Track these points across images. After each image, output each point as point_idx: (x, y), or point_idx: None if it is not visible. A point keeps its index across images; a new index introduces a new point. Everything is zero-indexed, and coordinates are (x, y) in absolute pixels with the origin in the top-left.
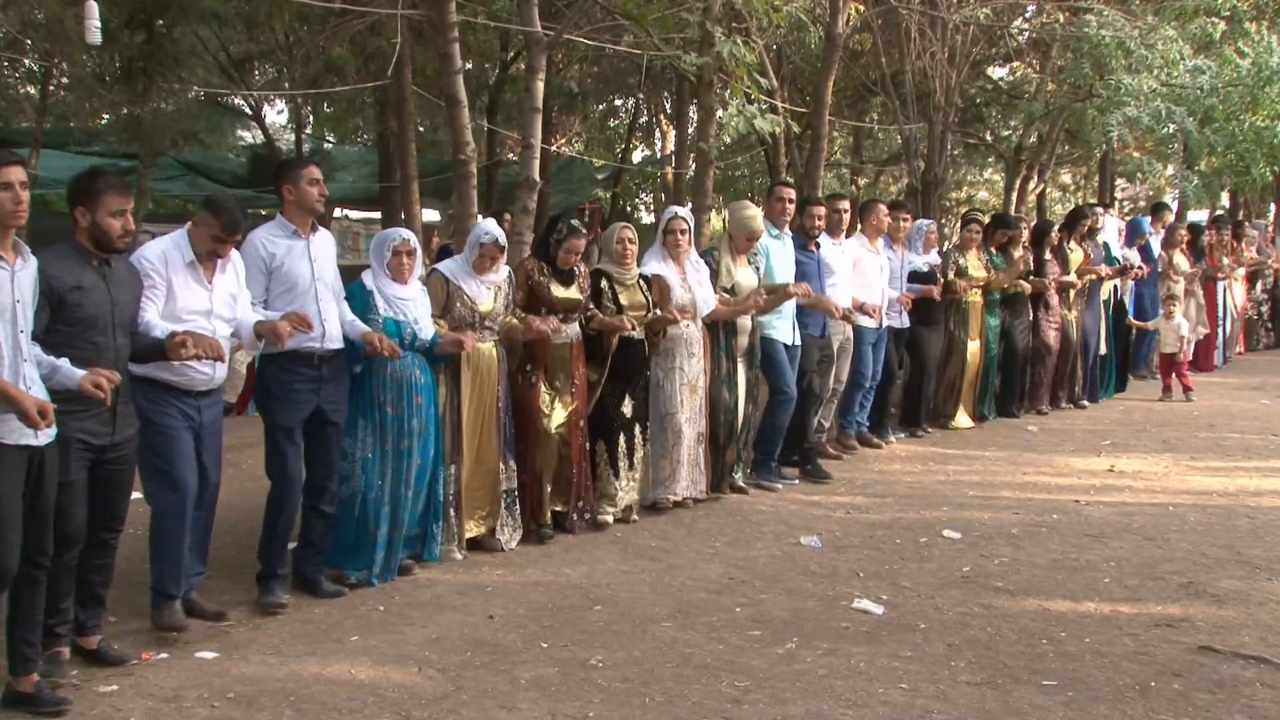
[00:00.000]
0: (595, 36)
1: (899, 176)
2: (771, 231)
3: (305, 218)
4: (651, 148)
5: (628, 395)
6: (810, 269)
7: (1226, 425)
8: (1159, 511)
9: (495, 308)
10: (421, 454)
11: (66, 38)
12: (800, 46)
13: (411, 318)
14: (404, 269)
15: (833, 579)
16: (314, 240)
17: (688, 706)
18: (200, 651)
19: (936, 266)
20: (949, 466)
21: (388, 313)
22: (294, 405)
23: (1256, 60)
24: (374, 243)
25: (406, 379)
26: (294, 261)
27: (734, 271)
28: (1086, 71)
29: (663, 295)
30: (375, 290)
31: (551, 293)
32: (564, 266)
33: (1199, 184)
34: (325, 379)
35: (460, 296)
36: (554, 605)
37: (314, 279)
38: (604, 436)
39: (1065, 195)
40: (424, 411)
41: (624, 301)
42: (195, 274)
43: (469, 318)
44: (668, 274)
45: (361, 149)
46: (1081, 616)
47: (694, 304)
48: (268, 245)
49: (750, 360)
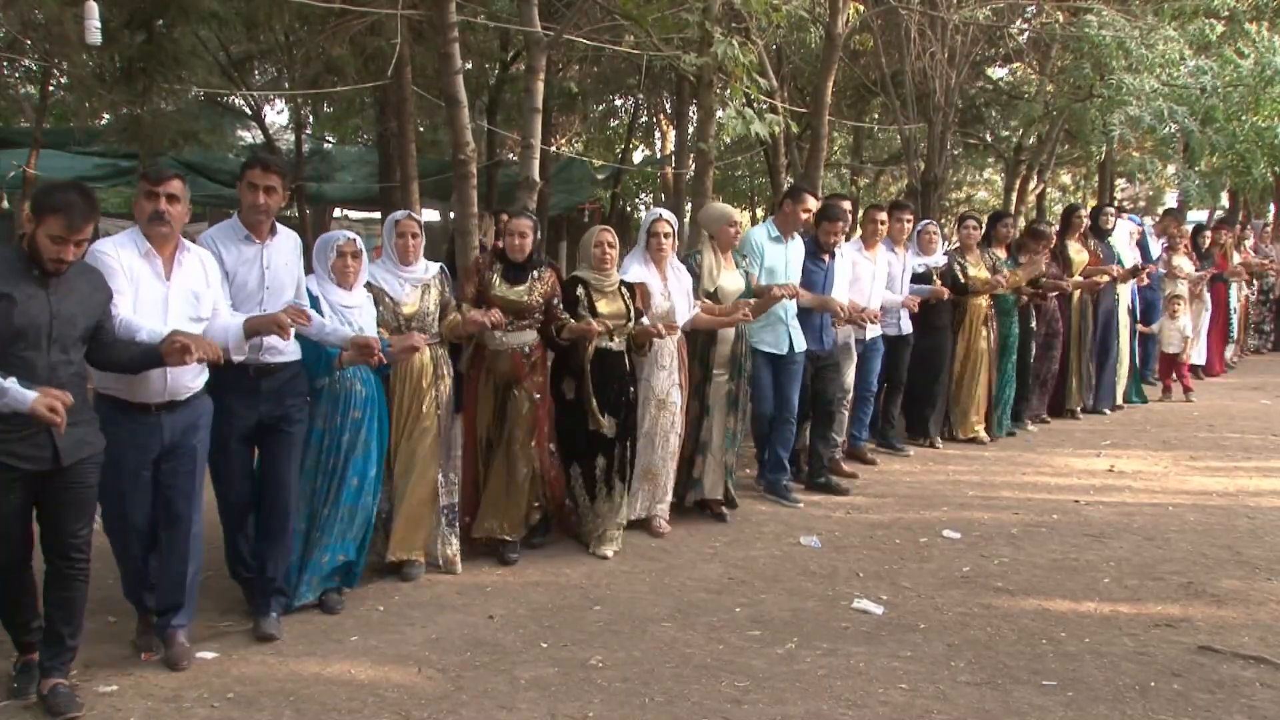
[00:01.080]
0: (595, 37)
1: (899, 177)
2: (772, 234)
3: (254, 221)
4: (651, 148)
5: (607, 413)
6: (817, 278)
7: (1226, 425)
8: (1159, 511)
9: (422, 308)
10: (358, 474)
11: (66, 38)
12: (800, 46)
13: (358, 326)
14: (348, 271)
15: (832, 579)
16: (270, 245)
17: (688, 706)
18: (200, 651)
19: (937, 269)
20: (949, 467)
21: (333, 320)
22: (226, 419)
23: (1259, 60)
24: (317, 245)
25: (345, 391)
26: (244, 269)
27: (717, 274)
28: (1087, 72)
29: (644, 302)
30: (321, 296)
31: (492, 290)
32: (513, 254)
33: (1200, 184)
34: (264, 393)
35: (382, 298)
36: (554, 605)
37: (263, 287)
38: (579, 460)
39: (1065, 195)
40: (363, 427)
41: (602, 310)
42: (153, 267)
43: (392, 321)
44: (649, 280)
45: (361, 149)
46: (1081, 616)
47: (671, 313)
48: (218, 248)
49: (733, 370)
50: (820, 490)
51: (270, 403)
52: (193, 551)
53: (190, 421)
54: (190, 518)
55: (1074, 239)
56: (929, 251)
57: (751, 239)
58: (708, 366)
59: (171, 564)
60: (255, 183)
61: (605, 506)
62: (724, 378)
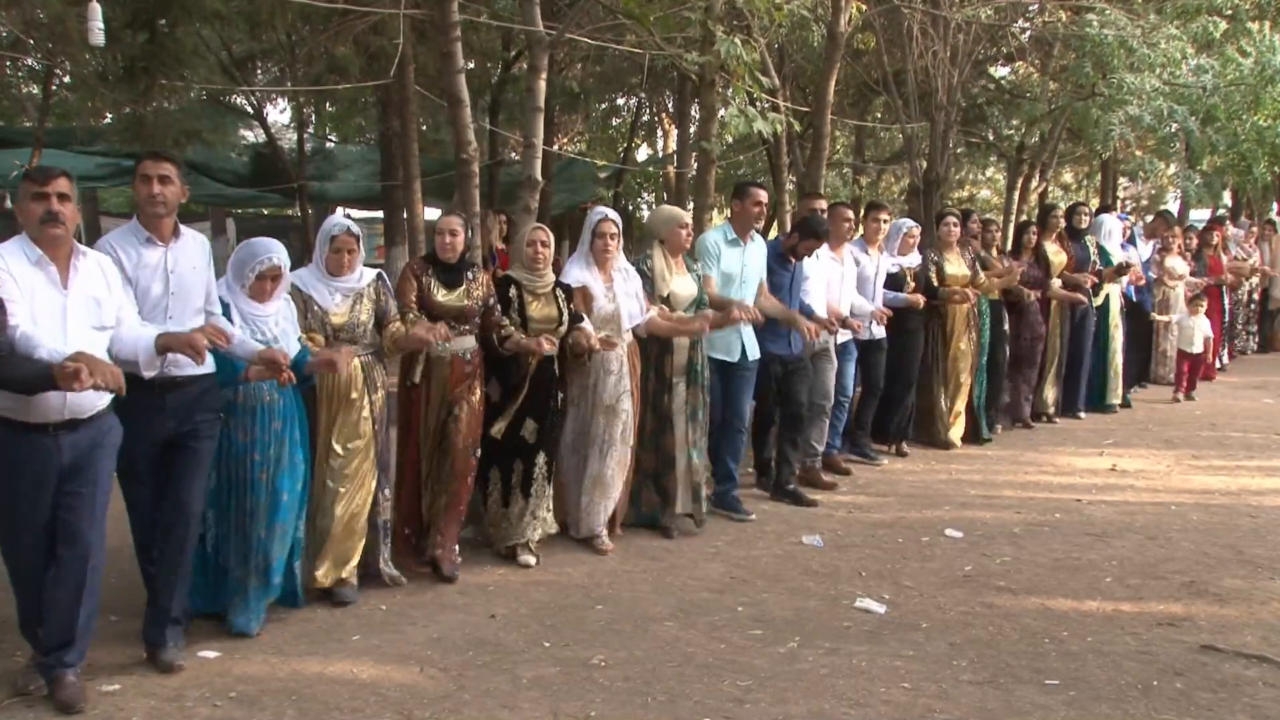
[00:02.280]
0: (597, 36)
1: (901, 176)
2: (729, 236)
3: (153, 221)
4: (653, 147)
5: (529, 418)
6: (782, 281)
7: (1228, 424)
8: (1161, 510)
9: (353, 318)
10: (287, 488)
11: (69, 37)
12: (802, 45)
13: (271, 335)
14: (265, 293)
15: (834, 578)
16: (175, 248)
17: (689, 706)
18: (202, 651)
19: (911, 269)
20: (951, 466)
21: (244, 329)
22: (132, 440)
23: (1259, 60)
24: (235, 259)
25: (262, 402)
26: (145, 274)
27: (669, 279)
28: (1088, 71)
29: (585, 307)
30: (232, 304)
31: (433, 296)
32: (444, 255)
33: (1201, 183)
34: (172, 408)
35: (310, 306)
36: (556, 604)
37: (167, 293)
38: (499, 464)
39: (1067, 194)
40: (285, 438)
41: (534, 313)
42: (48, 275)
43: (319, 329)
44: (591, 282)
45: (364, 148)
46: (1084, 615)
47: (617, 316)
48: (118, 253)
49: (692, 378)
50: (787, 499)
51: (177, 419)
52: (89, 585)
53: (93, 441)
54: (90, 546)
55: (1052, 240)
56: (907, 253)
57: (707, 242)
58: (664, 376)
59: (63, 596)
60: (148, 174)
61: (518, 510)
62: (682, 386)
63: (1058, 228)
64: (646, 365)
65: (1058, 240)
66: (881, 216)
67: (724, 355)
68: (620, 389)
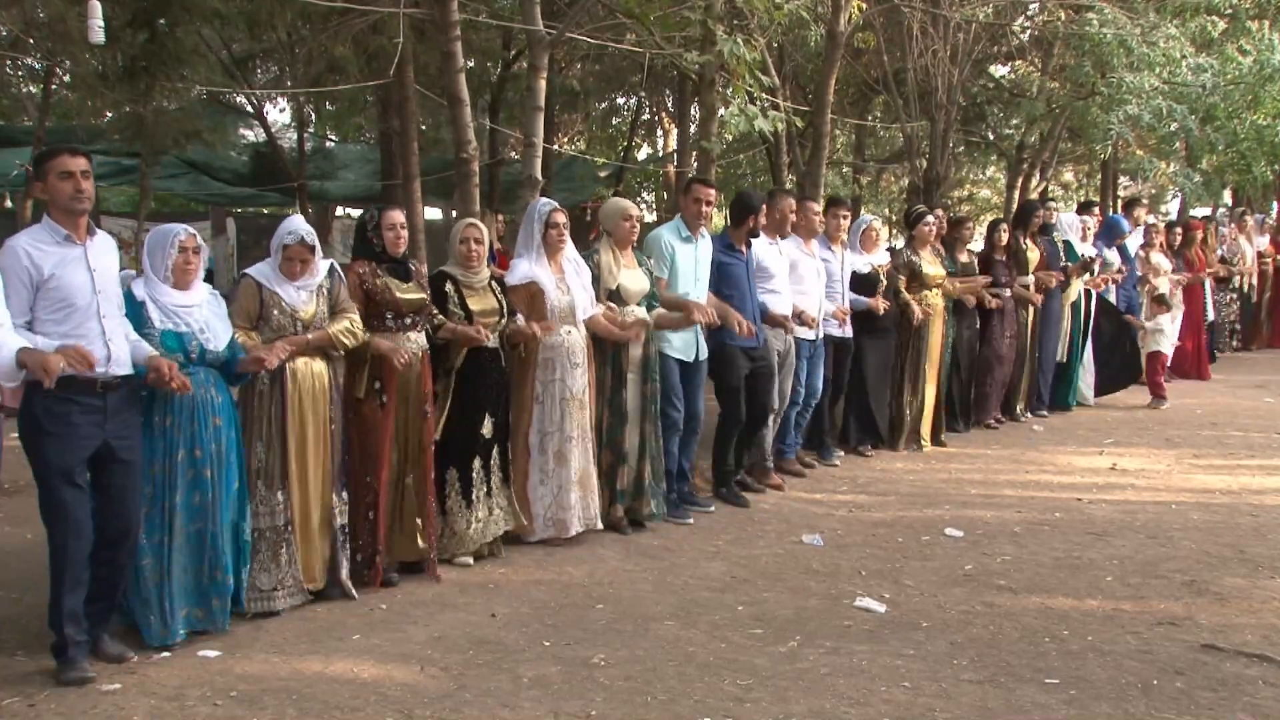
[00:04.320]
0: (597, 35)
1: (901, 175)
2: (682, 233)
3: (71, 219)
4: (654, 146)
5: (487, 414)
6: (737, 271)
7: (1229, 423)
8: (1161, 509)
9: (319, 311)
10: (225, 486)
11: (69, 36)
12: (802, 44)
13: (197, 327)
14: (189, 269)
15: (835, 577)
16: (92, 246)
17: (690, 705)
18: (203, 650)
19: (881, 267)
20: (951, 465)
21: (165, 324)
22: (72, 442)
23: (1258, 58)
24: (150, 241)
25: (200, 397)
26: (69, 273)
27: (617, 273)
28: (1088, 70)
29: (535, 301)
30: (148, 299)
31: (395, 294)
32: (393, 250)
33: (1200, 182)
34: (111, 410)
35: (278, 303)
36: (556, 604)
37: (95, 292)
38: (456, 463)
39: (1067, 193)
40: (223, 436)
41: (474, 307)
42: None
43: (290, 326)
44: (542, 276)
45: (364, 147)
46: (1084, 614)
47: (572, 309)
48: (33, 254)
49: (646, 374)
50: (724, 501)
51: (116, 421)
52: None
53: None
54: None
55: (1027, 237)
56: (870, 250)
57: (660, 240)
58: (620, 372)
59: None
60: (69, 169)
61: (481, 512)
62: (634, 382)
63: (1036, 226)
64: (603, 360)
65: (1030, 237)
66: (841, 213)
67: (683, 355)
68: (585, 380)
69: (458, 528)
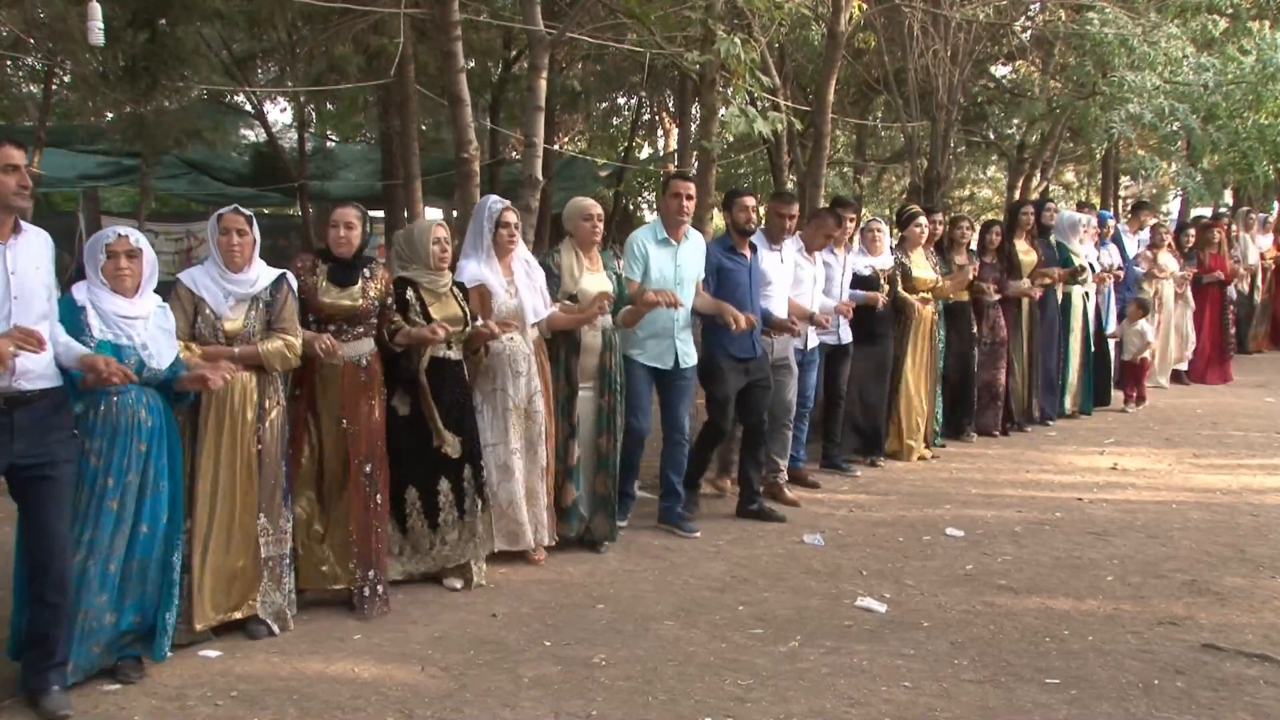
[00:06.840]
0: (598, 35)
1: (901, 175)
2: (659, 235)
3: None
4: (654, 146)
5: (451, 432)
6: (739, 277)
7: (1229, 423)
8: (1162, 509)
9: (248, 325)
10: (149, 519)
11: (69, 36)
12: (802, 44)
13: (139, 341)
14: (122, 275)
15: (835, 577)
16: (15, 245)
17: (691, 705)
18: (204, 650)
19: (883, 271)
20: (951, 465)
21: (105, 334)
22: None
23: (1260, 58)
24: (88, 245)
25: (126, 419)
26: None
27: (579, 275)
28: (1089, 69)
29: (484, 303)
30: (88, 305)
31: (318, 297)
32: (339, 249)
33: (1202, 182)
34: (21, 428)
35: (201, 310)
36: (557, 604)
37: (9, 297)
38: (417, 483)
39: (1069, 193)
40: (151, 462)
41: (436, 314)
42: None
43: (211, 337)
44: (490, 277)
45: (364, 147)
46: (1085, 614)
47: (519, 312)
48: None
49: (605, 385)
50: (752, 518)
51: (26, 440)
52: None
53: None
54: None
55: (1022, 238)
56: (874, 252)
57: (635, 242)
58: (573, 381)
59: None
60: (14, 162)
61: (454, 535)
62: (590, 393)
63: (1027, 225)
64: (556, 368)
65: (1027, 239)
66: (848, 215)
67: (656, 363)
68: (532, 389)
69: (421, 547)
